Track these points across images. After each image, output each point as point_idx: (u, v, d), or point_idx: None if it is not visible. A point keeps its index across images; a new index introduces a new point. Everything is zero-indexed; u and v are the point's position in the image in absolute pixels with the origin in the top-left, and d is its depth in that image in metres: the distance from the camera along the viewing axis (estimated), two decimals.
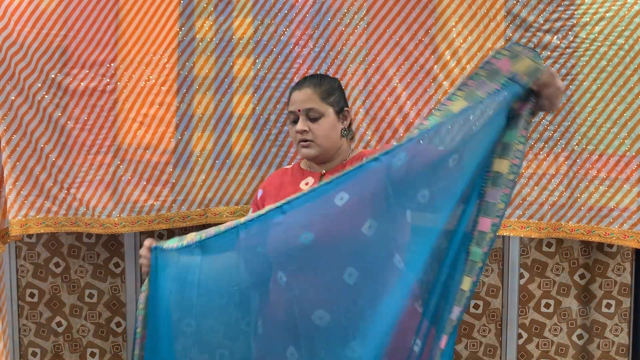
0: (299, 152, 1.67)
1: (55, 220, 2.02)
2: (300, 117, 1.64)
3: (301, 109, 1.63)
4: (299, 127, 1.63)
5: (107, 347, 2.30)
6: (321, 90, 1.66)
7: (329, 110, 1.65)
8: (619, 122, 1.97)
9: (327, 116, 1.64)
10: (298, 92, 1.65)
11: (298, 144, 1.66)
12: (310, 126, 1.63)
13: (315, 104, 1.63)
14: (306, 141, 1.64)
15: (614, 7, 1.93)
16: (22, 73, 1.92)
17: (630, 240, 1.98)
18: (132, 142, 2.00)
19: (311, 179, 1.69)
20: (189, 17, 1.99)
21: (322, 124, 1.64)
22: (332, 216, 1.37)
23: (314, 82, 1.68)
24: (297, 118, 1.65)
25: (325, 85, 1.67)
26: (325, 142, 1.64)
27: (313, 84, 1.66)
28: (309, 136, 1.63)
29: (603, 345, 2.22)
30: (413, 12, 1.97)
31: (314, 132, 1.63)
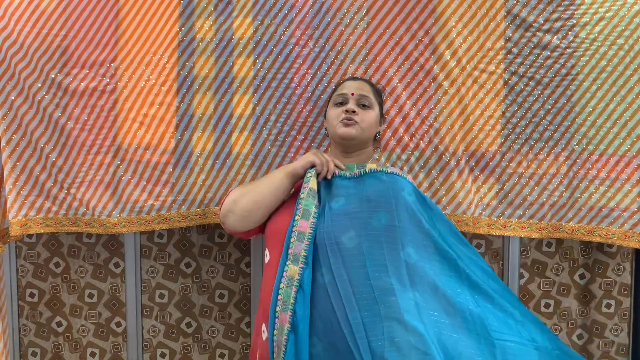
0: (335, 133, 1.73)
1: (55, 220, 2.02)
2: (351, 100, 1.73)
3: (355, 93, 1.74)
4: (350, 105, 1.71)
5: (107, 347, 2.30)
6: (374, 88, 1.81)
7: (376, 107, 1.78)
8: (619, 122, 1.97)
9: (374, 110, 1.77)
10: (353, 82, 1.79)
11: (338, 123, 1.72)
12: (360, 110, 1.73)
13: (369, 94, 1.76)
14: (351, 120, 1.70)
15: (614, 7, 1.93)
16: (22, 73, 1.92)
17: (631, 241, 1.98)
18: (132, 142, 2.00)
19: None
20: (189, 17, 1.99)
21: (370, 114, 1.75)
22: None
23: (369, 81, 1.84)
24: (345, 101, 1.74)
25: (377, 87, 1.85)
26: (366, 130, 1.73)
27: (368, 81, 1.82)
28: (357, 118, 1.71)
29: (603, 345, 2.22)
30: (413, 12, 1.97)
31: (361, 116, 1.72)
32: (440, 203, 2.01)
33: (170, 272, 2.27)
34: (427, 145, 2.00)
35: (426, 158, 2.00)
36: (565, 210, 2.03)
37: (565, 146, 2.01)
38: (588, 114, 1.98)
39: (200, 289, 2.27)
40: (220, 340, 2.29)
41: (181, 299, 2.28)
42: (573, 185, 2.02)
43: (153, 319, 2.28)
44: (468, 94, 2.00)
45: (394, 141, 2.00)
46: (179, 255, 2.27)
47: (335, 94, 1.80)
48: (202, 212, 2.04)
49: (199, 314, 2.28)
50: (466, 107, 2.00)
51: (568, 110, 1.99)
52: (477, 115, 2.01)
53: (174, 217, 2.03)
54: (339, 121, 1.72)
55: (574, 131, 2.00)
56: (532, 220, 2.04)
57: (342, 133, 1.71)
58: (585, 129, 1.99)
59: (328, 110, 1.80)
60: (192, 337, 2.29)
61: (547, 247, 2.22)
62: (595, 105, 1.98)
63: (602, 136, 1.98)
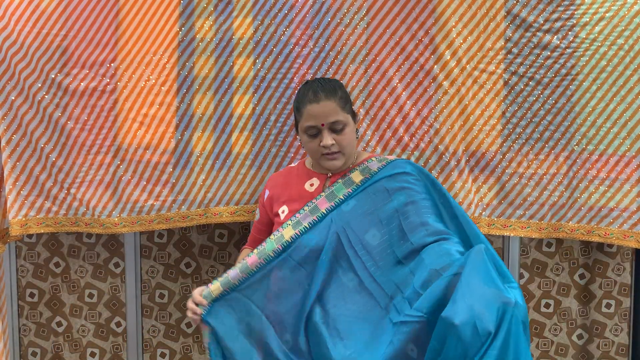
0: (320, 164, 1.67)
1: (55, 220, 2.02)
2: (324, 132, 1.61)
3: (325, 123, 1.61)
4: (326, 142, 1.60)
5: (107, 347, 2.30)
6: (339, 100, 1.63)
7: (349, 118, 1.65)
8: (619, 122, 1.97)
9: (349, 124, 1.65)
10: (317, 106, 1.60)
11: (320, 157, 1.64)
12: (336, 138, 1.62)
13: (339, 115, 1.62)
14: (333, 153, 1.63)
15: (614, 7, 1.93)
16: (22, 73, 1.92)
17: (630, 241, 1.99)
18: (132, 142, 2.00)
19: (316, 180, 1.72)
20: (189, 17, 1.99)
21: (346, 134, 1.64)
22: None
23: (328, 91, 1.63)
24: (317, 132, 1.62)
25: (339, 92, 1.65)
26: (350, 150, 1.66)
27: (329, 95, 1.62)
28: (336, 148, 1.62)
29: (603, 345, 2.23)
30: (413, 12, 1.97)
31: (340, 143, 1.62)
32: None
33: (170, 272, 2.27)
34: (427, 145, 2.00)
35: (426, 158, 2.00)
36: (565, 210, 2.03)
37: (565, 146, 2.01)
38: (588, 114, 1.98)
39: None
40: None
41: (181, 299, 2.28)
42: (573, 185, 2.02)
43: (153, 319, 2.28)
44: (468, 94, 2.00)
45: (394, 141, 2.00)
46: (179, 255, 2.27)
47: (301, 119, 1.65)
48: (202, 212, 2.04)
49: None
50: (466, 107, 2.00)
51: (568, 110, 1.99)
52: (477, 115, 2.01)
53: (174, 217, 2.03)
54: (321, 155, 1.64)
55: (574, 131, 2.00)
56: (532, 220, 2.04)
57: (328, 167, 1.66)
58: (585, 129, 1.99)
59: (300, 134, 1.68)
60: (192, 337, 2.29)
61: (547, 247, 2.22)
62: (595, 105, 1.98)
63: (602, 136, 1.98)
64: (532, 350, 2.25)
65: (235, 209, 2.04)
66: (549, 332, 2.24)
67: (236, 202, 2.04)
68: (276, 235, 1.62)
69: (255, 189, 2.03)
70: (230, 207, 2.04)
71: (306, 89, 1.66)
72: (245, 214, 2.03)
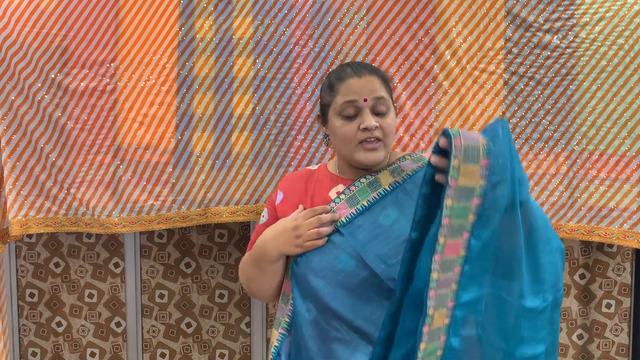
0: (351, 156, 1.35)
1: (55, 220, 2.02)
2: (365, 110, 1.31)
3: (368, 98, 1.30)
4: (369, 122, 1.29)
5: (107, 347, 2.30)
6: (384, 80, 1.36)
7: (391, 104, 1.36)
8: (619, 122, 1.97)
9: (392, 111, 1.36)
10: (359, 80, 1.32)
11: (355, 146, 1.33)
12: (379, 121, 1.31)
13: (384, 92, 1.33)
14: (373, 141, 1.31)
15: (614, 7, 1.93)
16: (22, 73, 1.92)
17: (631, 240, 1.99)
18: (132, 142, 2.00)
19: (342, 186, 1.40)
20: (189, 17, 1.99)
21: (390, 119, 1.33)
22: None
23: (372, 69, 1.36)
24: (356, 112, 1.32)
25: (383, 73, 1.38)
26: (391, 142, 1.36)
27: (373, 72, 1.35)
28: (379, 133, 1.31)
29: (603, 345, 2.22)
30: (413, 12, 1.97)
31: (384, 127, 1.31)
32: None
33: (170, 272, 2.27)
34: (427, 145, 2.00)
35: None
36: (565, 210, 2.03)
37: (565, 146, 2.01)
38: (588, 114, 1.98)
39: (200, 289, 2.27)
40: (220, 340, 2.29)
41: (181, 299, 2.28)
42: (573, 185, 2.02)
43: (153, 319, 2.28)
44: (468, 94, 2.00)
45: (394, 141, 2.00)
46: (179, 255, 2.27)
47: (336, 96, 1.35)
48: (202, 212, 2.04)
49: (199, 314, 2.28)
50: (466, 107, 2.00)
51: (568, 110, 1.99)
52: (477, 115, 2.01)
53: (174, 217, 2.03)
54: (358, 143, 1.32)
55: (574, 131, 2.00)
56: None
57: (366, 161, 1.33)
58: (585, 129, 1.99)
59: (331, 120, 1.37)
60: (192, 337, 2.29)
61: None
62: (595, 105, 1.98)
63: (602, 136, 1.98)
64: None
65: (235, 208, 2.04)
66: None
67: (236, 202, 2.04)
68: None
69: (255, 189, 2.03)
70: (230, 207, 2.04)
71: (342, 68, 1.39)
72: (245, 214, 2.03)
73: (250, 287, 1.50)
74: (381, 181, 1.36)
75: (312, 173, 1.48)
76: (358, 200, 1.35)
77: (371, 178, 1.38)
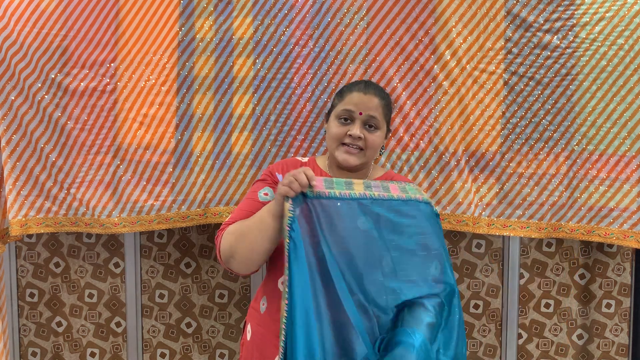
0: (333, 153, 1.58)
1: (55, 220, 2.02)
2: (357, 121, 1.55)
3: (363, 113, 1.55)
4: (355, 131, 1.53)
5: (107, 347, 2.30)
6: (385, 104, 1.59)
7: (384, 126, 1.60)
8: (619, 122, 1.97)
9: (381, 130, 1.59)
10: (363, 95, 1.56)
11: (338, 145, 1.56)
12: (366, 134, 1.55)
13: (379, 114, 1.56)
14: (354, 147, 1.55)
15: (614, 7, 1.93)
16: (22, 73, 1.92)
17: (630, 240, 1.99)
18: (132, 142, 2.00)
19: None
20: (189, 17, 1.99)
21: (376, 136, 1.57)
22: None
23: (379, 92, 1.59)
24: (350, 119, 1.56)
25: (387, 99, 1.62)
26: (371, 155, 1.58)
27: (379, 94, 1.58)
28: (361, 143, 1.55)
29: (603, 345, 2.23)
30: (413, 12, 1.97)
31: (367, 140, 1.55)
32: (440, 203, 2.01)
33: (170, 272, 2.27)
34: (427, 145, 2.00)
35: (426, 158, 2.00)
36: (565, 210, 2.03)
37: (565, 146, 2.01)
38: (588, 114, 1.98)
39: (200, 289, 2.27)
40: (220, 340, 2.29)
41: (181, 299, 2.28)
42: (573, 185, 2.02)
43: (153, 319, 2.28)
44: (468, 94, 2.00)
45: (394, 141, 2.00)
46: (179, 255, 2.27)
47: (341, 103, 1.59)
48: (202, 212, 2.04)
49: (199, 314, 2.28)
50: (466, 107, 2.00)
51: (568, 110, 1.99)
52: (477, 115, 2.01)
53: (174, 217, 2.03)
54: (340, 143, 1.56)
55: (574, 131, 2.00)
56: (531, 220, 2.04)
57: (342, 160, 1.56)
58: (585, 129, 1.99)
59: (330, 120, 1.61)
60: (192, 337, 2.29)
61: (547, 247, 2.22)
62: (595, 105, 1.98)
63: (602, 136, 1.98)
64: (532, 350, 2.25)
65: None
66: (549, 332, 2.24)
67: (236, 202, 2.04)
68: None
69: None
70: (230, 207, 2.04)
71: (358, 82, 1.63)
72: None
73: (237, 249, 1.46)
74: (354, 186, 1.45)
75: (302, 164, 1.63)
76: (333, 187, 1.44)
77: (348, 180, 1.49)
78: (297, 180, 1.38)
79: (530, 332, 2.25)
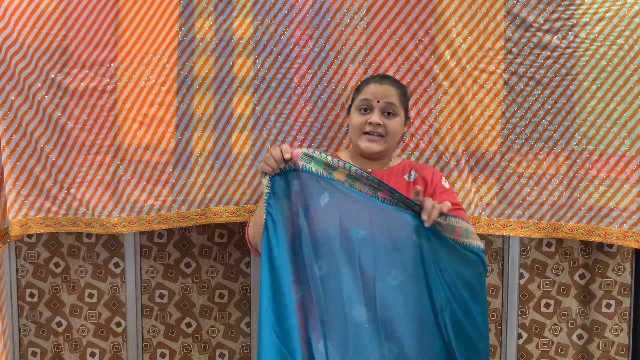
0: (356, 143, 1.68)
1: (55, 220, 2.02)
2: (376, 109, 1.66)
3: (381, 101, 1.65)
4: (374, 118, 1.64)
5: (107, 347, 2.30)
6: (400, 92, 1.70)
7: (402, 113, 1.71)
8: (619, 122, 1.97)
9: (400, 117, 1.69)
10: (378, 85, 1.68)
11: (361, 135, 1.66)
12: (385, 121, 1.66)
13: (396, 101, 1.67)
14: (376, 135, 1.65)
15: (614, 7, 1.93)
16: (22, 73, 1.92)
17: (630, 240, 1.99)
18: (132, 142, 2.00)
19: None
20: (189, 17, 1.99)
21: (396, 122, 1.68)
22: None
23: (393, 81, 1.72)
24: (369, 108, 1.67)
25: (402, 88, 1.73)
26: (392, 141, 1.69)
27: (393, 83, 1.70)
28: (381, 130, 1.65)
29: (603, 345, 2.22)
30: (413, 12, 1.97)
31: (387, 126, 1.66)
32: None
33: (170, 272, 2.27)
34: (427, 145, 2.00)
35: (426, 158, 2.00)
36: (565, 210, 2.03)
37: (565, 146, 2.01)
38: (588, 114, 1.98)
39: (200, 289, 2.27)
40: (220, 340, 2.29)
41: (181, 299, 2.28)
42: (572, 185, 2.02)
43: (153, 319, 2.28)
44: (468, 94, 2.00)
45: None
46: (179, 255, 2.27)
47: (359, 95, 1.71)
48: (202, 212, 2.04)
49: (199, 314, 2.28)
50: (466, 107, 2.00)
51: (568, 110, 1.99)
52: (477, 115, 2.01)
53: (174, 217, 2.03)
54: (362, 132, 1.67)
55: (574, 131, 2.00)
56: (531, 220, 2.04)
57: (365, 148, 1.67)
58: (585, 129, 1.99)
59: (351, 112, 1.73)
60: (192, 337, 2.29)
61: (547, 247, 2.22)
62: (595, 105, 1.98)
63: (602, 136, 1.98)
64: (532, 350, 2.25)
65: (235, 208, 2.04)
66: (549, 332, 2.24)
67: (236, 202, 2.04)
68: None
69: (255, 189, 2.03)
70: (230, 207, 2.04)
71: (372, 75, 1.76)
72: (245, 214, 2.03)
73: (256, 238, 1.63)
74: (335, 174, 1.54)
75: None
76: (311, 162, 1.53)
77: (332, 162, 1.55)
78: (272, 155, 1.49)
79: (530, 332, 2.25)
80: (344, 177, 1.51)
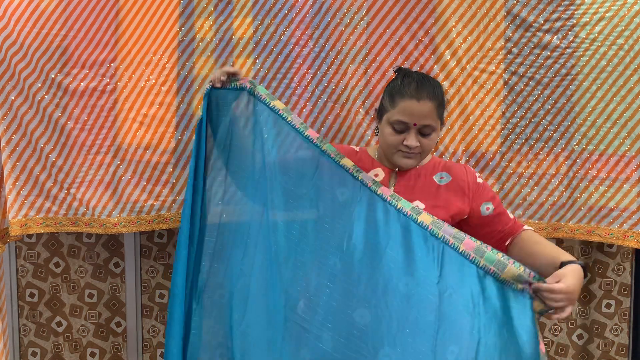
0: (392, 159, 1.61)
1: (55, 220, 2.02)
2: (412, 131, 1.55)
3: (418, 123, 1.54)
4: (411, 142, 1.55)
5: (107, 347, 2.30)
6: (438, 105, 1.57)
7: (439, 125, 1.59)
8: (619, 122, 1.97)
9: (437, 131, 1.59)
10: (417, 104, 1.53)
11: (396, 152, 1.59)
12: (421, 140, 1.56)
13: (433, 120, 1.56)
14: (411, 153, 1.58)
15: (614, 7, 1.93)
16: (22, 73, 1.92)
17: (630, 240, 1.99)
18: (132, 142, 2.00)
19: (381, 171, 1.65)
20: (189, 17, 1.99)
21: (432, 138, 1.58)
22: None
23: (431, 93, 1.55)
24: (404, 130, 1.56)
25: (440, 96, 1.58)
26: (427, 153, 1.62)
27: (432, 97, 1.55)
28: (417, 150, 1.58)
29: (603, 345, 2.23)
30: (413, 12, 1.97)
31: (423, 146, 1.57)
32: None
33: (170, 272, 2.27)
34: None
35: None
36: (565, 210, 2.03)
37: (565, 146, 2.01)
38: (588, 114, 1.98)
39: None
40: None
41: None
42: (573, 185, 2.02)
43: (153, 319, 2.28)
44: (468, 94, 2.00)
45: None
46: None
47: (394, 110, 1.56)
48: None
49: None
50: (466, 107, 2.00)
51: (568, 110, 1.99)
52: (477, 115, 2.01)
53: (174, 217, 2.03)
54: (398, 150, 1.58)
55: (573, 131, 2.00)
56: (531, 220, 2.04)
57: (402, 164, 1.60)
58: (585, 129, 1.99)
59: (383, 124, 1.60)
60: None
61: None
62: (595, 105, 1.98)
63: (602, 136, 1.99)
64: None
65: None
66: (549, 332, 2.24)
67: None
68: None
69: None
70: None
71: (409, 80, 1.57)
72: None
73: None
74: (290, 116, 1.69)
75: (355, 152, 1.72)
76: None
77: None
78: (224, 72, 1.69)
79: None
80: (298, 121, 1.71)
